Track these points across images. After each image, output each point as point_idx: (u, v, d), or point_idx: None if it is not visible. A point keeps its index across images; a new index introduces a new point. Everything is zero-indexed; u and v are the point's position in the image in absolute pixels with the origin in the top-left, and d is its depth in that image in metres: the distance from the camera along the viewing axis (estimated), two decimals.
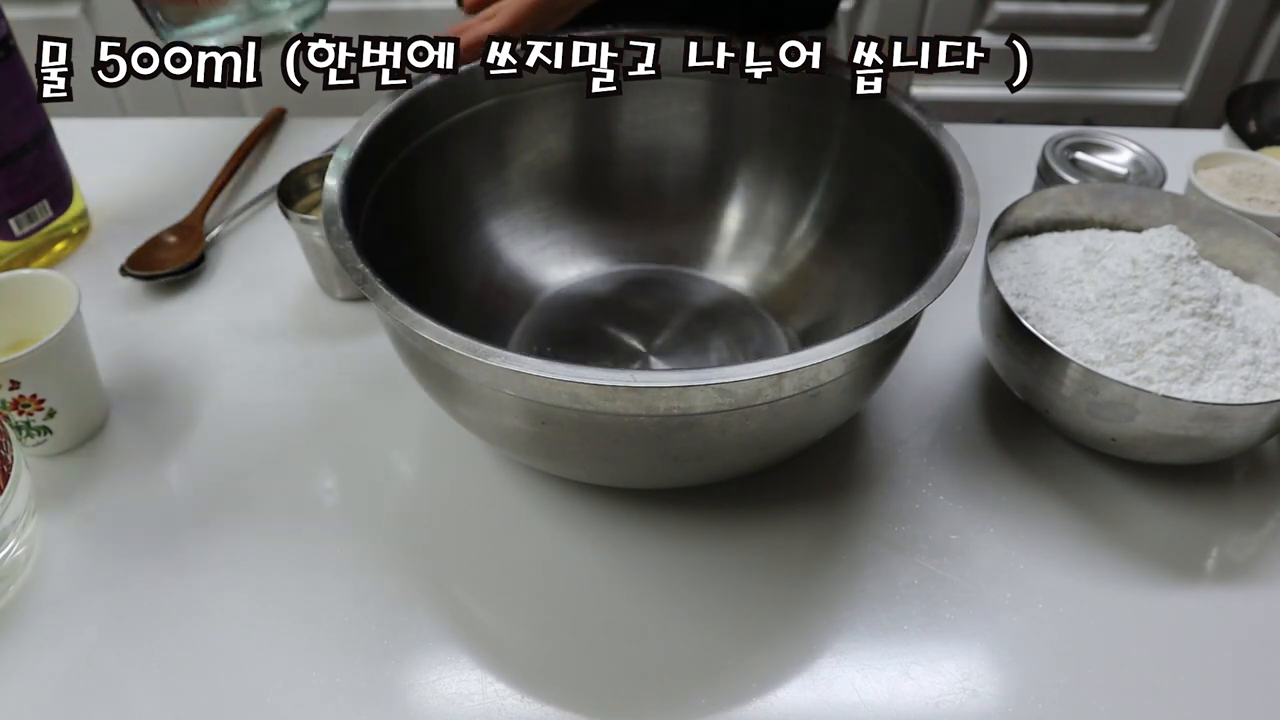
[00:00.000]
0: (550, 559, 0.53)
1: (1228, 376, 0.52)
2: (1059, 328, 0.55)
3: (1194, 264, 0.54)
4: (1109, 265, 0.56)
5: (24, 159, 0.67)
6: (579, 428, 0.46)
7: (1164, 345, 0.53)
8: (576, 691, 0.47)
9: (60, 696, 0.47)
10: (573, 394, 0.44)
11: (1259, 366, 0.53)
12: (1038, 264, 0.59)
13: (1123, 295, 0.54)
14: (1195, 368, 0.52)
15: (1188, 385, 0.52)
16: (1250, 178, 0.68)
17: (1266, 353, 0.54)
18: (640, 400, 0.44)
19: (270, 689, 0.47)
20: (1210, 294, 0.54)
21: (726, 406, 0.44)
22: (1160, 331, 0.53)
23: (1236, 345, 0.53)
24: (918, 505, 0.55)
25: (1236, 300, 0.56)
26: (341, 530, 0.54)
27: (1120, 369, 0.53)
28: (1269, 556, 0.53)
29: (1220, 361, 0.53)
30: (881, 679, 0.48)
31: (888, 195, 0.60)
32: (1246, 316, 0.55)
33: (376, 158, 0.56)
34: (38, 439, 0.56)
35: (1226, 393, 0.52)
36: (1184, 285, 0.54)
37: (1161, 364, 0.52)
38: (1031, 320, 0.55)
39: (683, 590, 0.51)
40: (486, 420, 0.50)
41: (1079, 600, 0.51)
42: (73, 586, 0.51)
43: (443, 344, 0.44)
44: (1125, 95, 1.54)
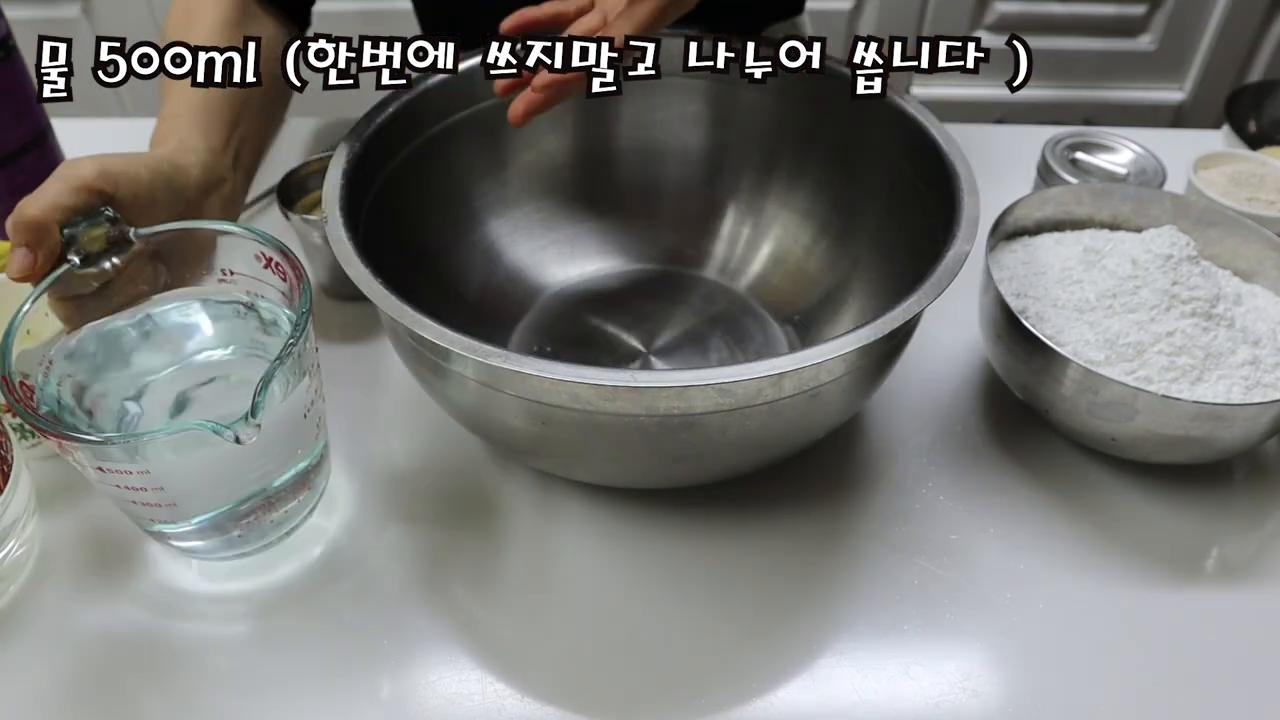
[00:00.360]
0: (550, 559, 0.53)
1: (1228, 376, 0.52)
2: (1059, 328, 0.55)
3: (1194, 264, 0.54)
4: (1109, 265, 0.56)
5: (24, 159, 0.67)
6: (580, 428, 0.46)
7: (1164, 345, 0.53)
8: (576, 691, 0.47)
9: (60, 696, 0.47)
10: (573, 394, 0.44)
11: (1259, 366, 0.53)
12: (1038, 264, 0.59)
13: (1123, 295, 0.54)
14: (1195, 368, 0.52)
15: (1188, 385, 0.52)
16: (1250, 178, 0.68)
17: (1266, 353, 0.54)
18: (640, 400, 0.44)
19: (270, 688, 0.47)
20: (1210, 294, 0.54)
21: (727, 407, 0.44)
22: (1160, 331, 0.53)
23: (1237, 345, 0.53)
24: (918, 505, 0.55)
25: (1236, 300, 0.56)
26: (341, 531, 0.54)
27: (1120, 369, 0.53)
28: (1269, 556, 0.53)
29: (1220, 361, 0.53)
30: (881, 679, 0.48)
31: (887, 195, 0.60)
32: (1247, 316, 0.55)
33: (377, 157, 0.56)
34: (34, 439, 0.56)
35: (1226, 393, 0.52)
36: (1184, 285, 0.54)
37: (1161, 364, 0.52)
38: (1031, 320, 0.55)
39: (683, 590, 0.51)
40: (487, 420, 0.50)
41: (1079, 600, 0.51)
42: (73, 586, 0.51)
43: (444, 344, 0.44)
44: (1125, 95, 1.54)
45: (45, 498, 0.55)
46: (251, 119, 0.61)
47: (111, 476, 0.43)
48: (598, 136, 0.67)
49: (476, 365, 0.44)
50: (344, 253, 0.48)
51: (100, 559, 0.52)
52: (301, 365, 0.45)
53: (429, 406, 0.59)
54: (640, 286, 0.67)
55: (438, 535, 0.54)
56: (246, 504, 0.48)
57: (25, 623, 0.50)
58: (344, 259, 0.48)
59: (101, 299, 0.49)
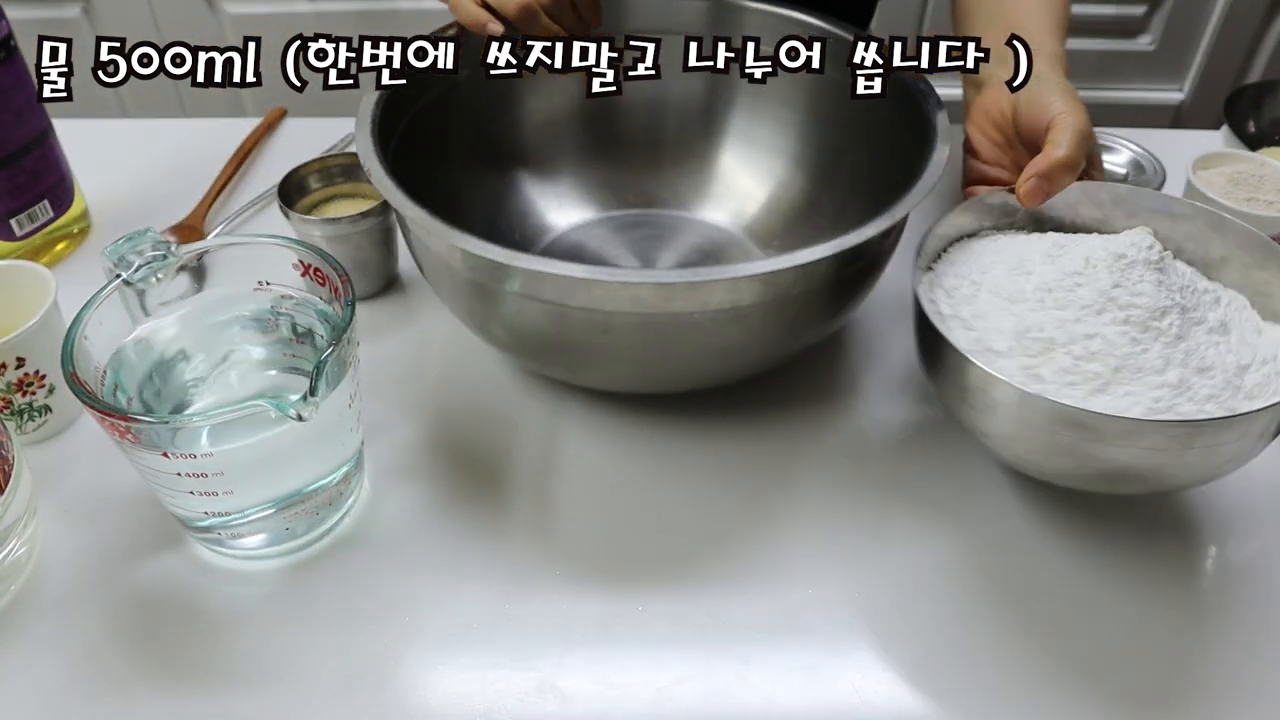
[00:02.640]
0: (551, 562, 0.53)
1: (1137, 394, 0.47)
2: (981, 312, 0.52)
3: (1154, 270, 0.49)
4: (1064, 260, 0.52)
5: (25, 159, 0.67)
6: (639, 330, 0.51)
7: (1078, 348, 0.48)
8: (576, 690, 0.48)
9: (60, 696, 0.47)
10: (635, 297, 0.48)
11: (1184, 392, 0.47)
12: (1001, 251, 0.55)
13: (1059, 291, 0.50)
14: (1101, 377, 0.48)
15: (1083, 394, 0.48)
16: (1249, 178, 0.68)
17: (1210, 383, 0.48)
18: (697, 296, 0.48)
19: (270, 688, 0.47)
20: (1156, 305, 0.48)
21: (769, 298, 0.50)
22: (1080, 333, 0.49)
23: (1169, 365, 0.48)
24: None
25: (1201, 322, 0.50)
26: (341, 531, 0.54)
27: (1015, 362, 0.49)
28: (1269, 556, 0.53)
29: (1136, 377, 0.48)
30: (881, 679, 0.48)
31: (865, 130, 0.65)
32: (1210, 344, 0.49)
33: (401, 105, 0.59)
34: (39, 419, 0.57)
35: (1121, 407, 0.47)
36: (1126, 290, 0.49)
37: (1064, 365, 0.48)
38: (958, 300, 0.53)
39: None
40: (527, 329, 0.53)
41: (1079, 600, 0.51)
42: (73, 586, 0.51)
43: (507, 262, 0.47)
44: (1124, 95, 1.54)
45: (46, 496, 0.55)
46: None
47: (175, 463, 0.45)
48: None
49: (540, 279, 0.48)
50: (398, 200, 0.52)
51: (101, 559, 0.52)
52: (345, 358, 0.48)
53: (429, 406, 0.60)
54: (637, 227, 0.72)
55: (439, 541, 0.54)
56: (297, 495, 0.50)
57: (25, 622, 0.50)
58: (398, 204, 0.51)
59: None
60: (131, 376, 0.50)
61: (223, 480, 0.46)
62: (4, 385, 0.54)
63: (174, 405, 0.52)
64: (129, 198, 0.77)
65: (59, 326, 0.56)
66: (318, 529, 0.53)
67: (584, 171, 0.73)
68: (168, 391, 0.52)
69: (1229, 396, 0.47)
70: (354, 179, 0.70)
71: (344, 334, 0.46)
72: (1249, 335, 0.51)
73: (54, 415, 0.58)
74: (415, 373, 0.63)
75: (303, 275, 0.51)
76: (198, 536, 0.52)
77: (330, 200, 0.69)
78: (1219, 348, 0.49)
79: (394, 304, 0.68)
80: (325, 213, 0.68)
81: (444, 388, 0.62)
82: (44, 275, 0.57)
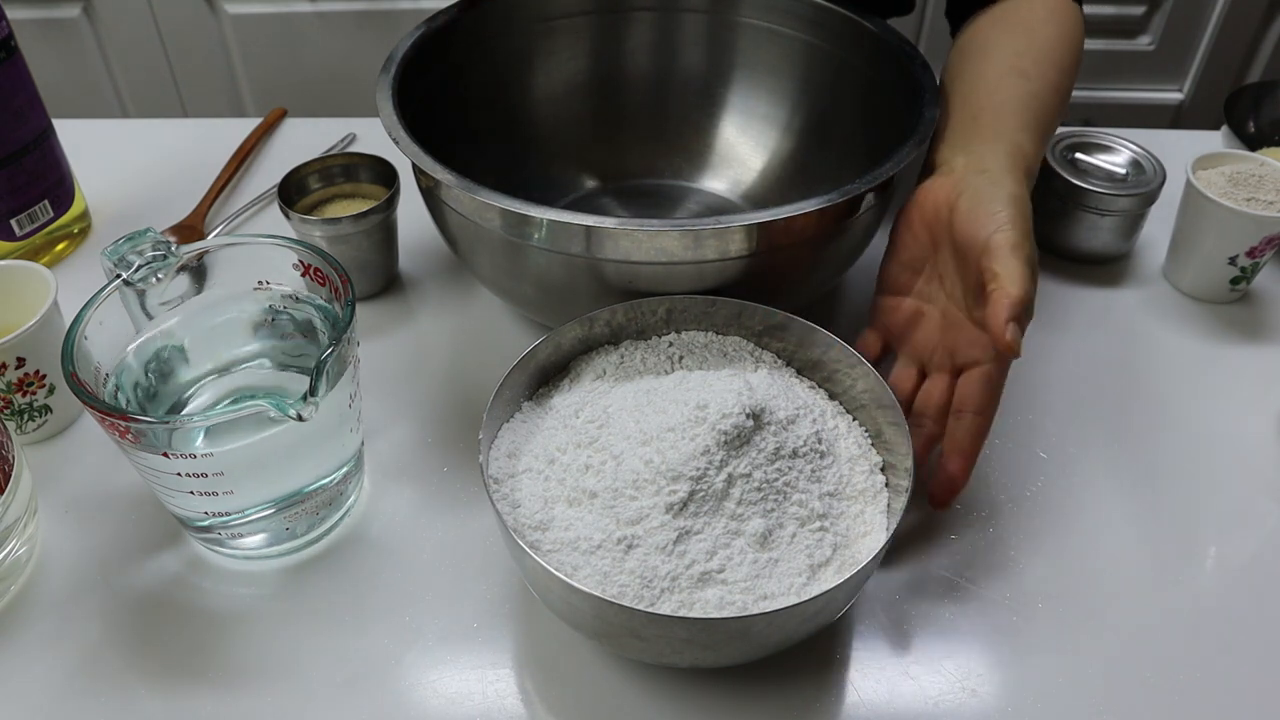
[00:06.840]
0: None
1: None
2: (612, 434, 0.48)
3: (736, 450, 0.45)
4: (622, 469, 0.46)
5: (25, 159, 0.67)
6: (663, 283, 0.53)
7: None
8: (576, 691, 0.47)
9: (60, 696, 0.47)
10: (660, 248, 0.50)
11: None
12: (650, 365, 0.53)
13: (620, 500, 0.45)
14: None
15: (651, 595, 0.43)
16: (1249, 178, 0.68)
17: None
18: (720, 244, 0.51)
19: (270, 688, 0.47)
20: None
21: (789, 243, 0.52)
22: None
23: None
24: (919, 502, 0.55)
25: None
26: (341, 531, 0.54)
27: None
28: (1268, 557, 0.53)
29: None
30: (881, 679, 0.48)
31: (855, 97, 0.68)
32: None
33: (414, 83, 0.61)
34: (39, 419, 0.57)
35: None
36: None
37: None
38: (595, 417, 0.49)
39: None
40: (556, 285, 0.55)
41: (1079, 600, 0.51)
42: (73, 586, 0.51)
43: (546, 217, 0.50)
44: (1124, 95, 1.54)
45: (46, 496, 0.55)
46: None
47: (175, 463, 0.45)
48: (610, 59, 0.75)
49: (563, 229, 0.50)
50: (426, 163, 0.53)
51: (101, 559, 0.52)
52: (345, 358, 0.47)
53: (429, 404, 0.60)
54: (642, 195, 0.75)
55: (440, 542, 0.54)
56: (297, 495, 0.50)
57: (26, 622, 0.50)
58: (427, 167, 0.53)
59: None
60: (131, 376, 0.50)
61: (223, 480, 0.46)
62: (4, 385, 0.55)
63: (174, 405, 0.52)
64: (129, 198, 0.78)
65: (59, 326, 0.56)
66: (318, 529, 0.53)
67: (589, 145, 0.75)
68: (168, 391, 0.52)
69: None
70: (354, 179, 0.70)
71: (344, 334, 0.46)
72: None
73: (54, 415, 0.58)
74: (415, 373, 0.63)
75: (303, 275, 0.51)
76: (198, 536, 0.52)
77: (330, 200, 0.69)
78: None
79: (394, 304, 0.68)
80: (325, 213, 0.68)
81: (444, 388, 0.62)
82: (44, 275, 0.57)
